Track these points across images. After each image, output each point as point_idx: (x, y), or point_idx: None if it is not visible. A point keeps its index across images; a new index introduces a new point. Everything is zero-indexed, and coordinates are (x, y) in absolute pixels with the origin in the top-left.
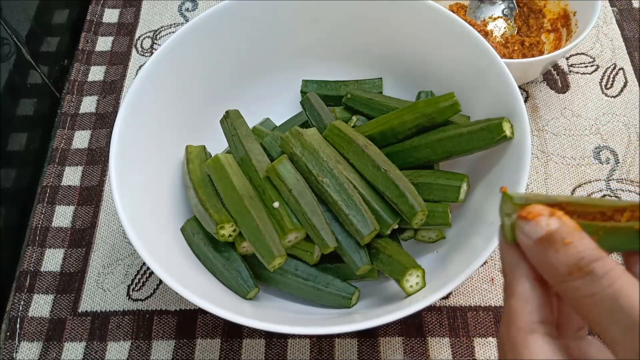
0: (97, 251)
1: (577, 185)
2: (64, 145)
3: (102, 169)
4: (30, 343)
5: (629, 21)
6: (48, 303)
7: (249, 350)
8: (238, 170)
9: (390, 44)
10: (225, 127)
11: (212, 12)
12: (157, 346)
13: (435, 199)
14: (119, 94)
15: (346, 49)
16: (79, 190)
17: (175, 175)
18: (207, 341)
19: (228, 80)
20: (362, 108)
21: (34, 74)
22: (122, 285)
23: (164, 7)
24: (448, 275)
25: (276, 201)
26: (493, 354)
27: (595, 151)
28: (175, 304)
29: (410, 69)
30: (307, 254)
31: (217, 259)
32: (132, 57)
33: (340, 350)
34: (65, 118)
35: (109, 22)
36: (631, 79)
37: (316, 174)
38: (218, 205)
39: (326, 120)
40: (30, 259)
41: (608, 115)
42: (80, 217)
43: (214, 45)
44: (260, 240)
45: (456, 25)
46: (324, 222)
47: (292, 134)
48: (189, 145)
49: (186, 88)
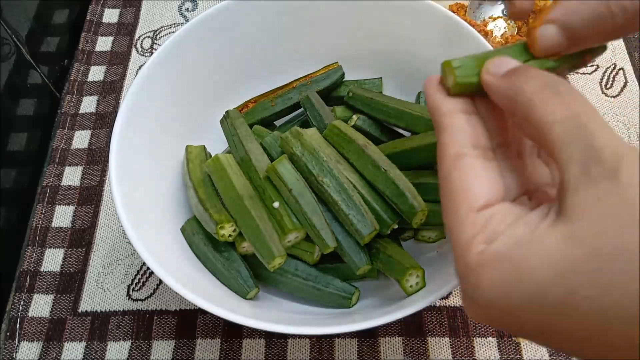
0: (97, 251)
1: None
2: (64, 145)
3: (102, 169)
4: (30, 343)
5: None
6: (48, 303)
7: (249, 350)
8: (238, 170)
9: (390, 44)
10: (225, 127)
11: (212, 12)
12: (157, 346)
13: (435, 199)
14: (119, 94)
15: (346, 48)
16: (79, 190)
17: (175, 175)
18: (207, 341)
19: (228, 80)
20: (363, 107)
21: (34, 74)
22: (122, 285)
23: (164, 7)
24: (448, 275)
25: (276, 201)
26: (493, 354)
27: None
28: (175, 304)
29: (410, 69)
30: (307, 254)
31: (217, 259)
32: (132, 57)
33: (340, 350)
34: (65, 118)
35: (109, 22)
36: (631, 79)
37: (316, 174)
38: (218, 205)
39: (326, 120)
40: (30, 259)
41: (608, 115)
42: (80, 217)
43: (214, 45)
44: (260, 240)
45: (456, 25)
46: (324, 222)
47: (292, 134)
48: (189, 145)
49: (186, 88)
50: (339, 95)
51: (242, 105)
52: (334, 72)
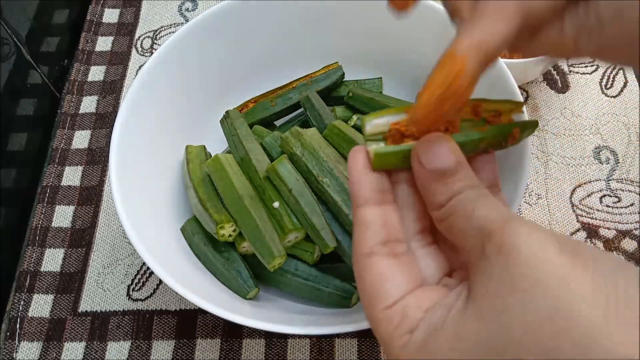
0: (97, 251)
1: (577, 185)
2: (64, 145)
3: (102, 169)
4: (30, 343)
5: None
6: (48, 303)
7: (249, 350)
8: (238, 170)
9: (390, 44)
10: (225, 127)
11: (212, 12)
12: (157, 346)
13: None
14: (119, 94)
15: (346, 48)
16: (79, 190)
17: (175, 175)
18: (207, 341)
19: (228, 80)
20: (363, 107)
21: (34, 74)
22: (122, 285)
23: (164, 7)
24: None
25: (276, 201)
26: None
27: (595, 151)
28: (175, 304)
29: (410, 69)
30: (307, 254)
31: (217, 259)
32: (132, 57)
33: (340, 350)
34: (65, 118)
35: (109, 22)
36: (631, 79)
37: (316, 174)
38: (218, 205)
39: (326, 120)
40: (30, 259)
41: (608, 115)
42: (80, 217)
43: (213, 45)
44: (260, 240)
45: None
46: (324, 222)
47: (292, 134)
48: (189, 145)
49: (186, 88)
50: (339, 95)
51: (242, 105)
52: (334, 72)
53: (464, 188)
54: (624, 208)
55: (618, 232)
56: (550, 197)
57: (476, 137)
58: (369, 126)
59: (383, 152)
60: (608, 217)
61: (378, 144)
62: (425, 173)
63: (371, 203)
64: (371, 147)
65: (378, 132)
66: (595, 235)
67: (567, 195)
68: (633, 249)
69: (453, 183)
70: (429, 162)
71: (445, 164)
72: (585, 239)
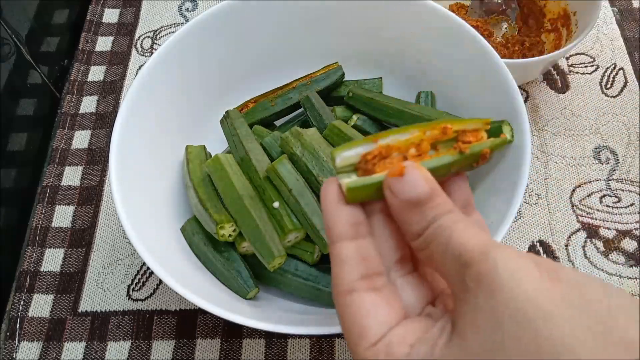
0: (97, 251)
1: (577, 185)
2: (64, 145)
3: (102, 169)
4: (30, 343)
5: (629, 21)
6: (48, 303)
7: (249, 350)
8: (238, 170)
9: (390, 44)
10: (225, 127)
11: (212, 12)
12: (157, 346)
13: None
14: (119, 94)
15: (346, 48)
16: (79, 190)
17: (175, 175)
18: (207, 341)
19: (228, 80)
20: (363, 107)
21: (34, 74)
22: (122, 285)
23: (164, 7)
24: None
25: (276, 201)
26: None
27: (595, 151)
28: (175, 304)
29: (410, 69)
30: (307, 254)
31: (217, 259)
32: (132, 57)
33: (340, 350)
34: (65, 118)
35: (109, 22)
36: (631, 79)
37: (316, 174)
38: (218, 205)
39: (326, 120)
40: (30, 259)
41: (608, 115)
42: (80, 217)
43: (213, 45)
44: (260, 240)
45: (456, 26)
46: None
47: (292, 134)
48: (189, 145)
49: (186, 88)
50: (339, 95)
51: (242, 105)
52: (334, 72)
53: (439, 215)
54: (624, 208)
55: (618, 232)
56: (550, 197)
57: (447, 161)
58: (339, 159)
59: (355, 185)
60: (608, 217)
61: (350, 176)
62: (399, 203)
63: (346, 238)
64: (343, 180)
65: (349, 164)
66: (595, 235)
67: (567, 195)
68: (633, 249)
69: (428, 211)
70: (402, 193)
71: (418, 192)
72: (585, 239)
